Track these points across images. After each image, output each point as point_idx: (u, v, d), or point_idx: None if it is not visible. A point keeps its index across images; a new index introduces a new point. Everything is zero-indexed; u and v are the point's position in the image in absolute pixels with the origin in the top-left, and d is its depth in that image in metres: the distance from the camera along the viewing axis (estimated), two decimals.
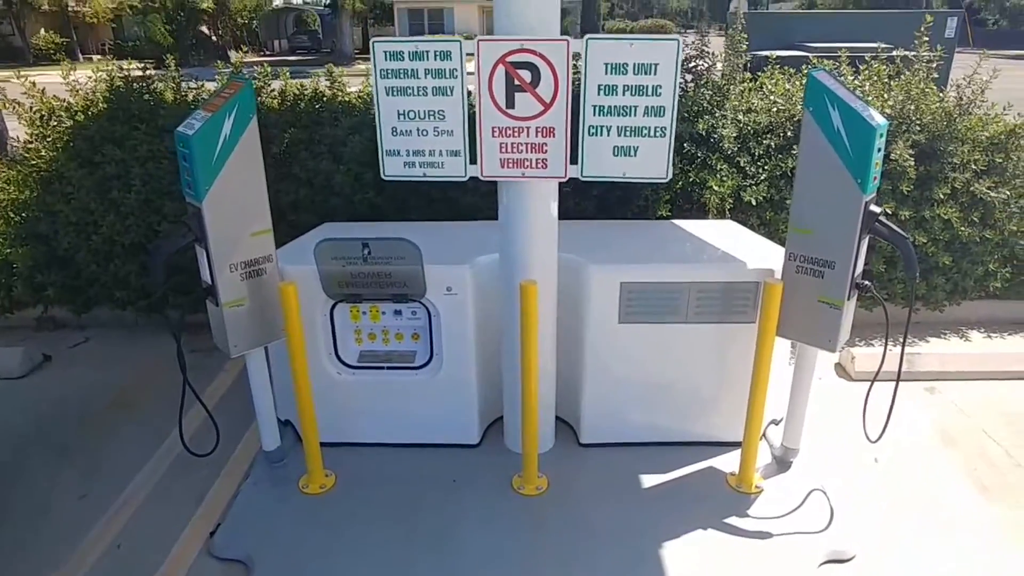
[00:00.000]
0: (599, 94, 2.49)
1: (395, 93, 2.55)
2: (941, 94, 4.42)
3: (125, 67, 4.56)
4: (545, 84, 2.47)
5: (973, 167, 4.25)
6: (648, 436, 3.24)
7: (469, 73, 2.51)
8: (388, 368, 3.16)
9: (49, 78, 4.89)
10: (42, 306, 4.59)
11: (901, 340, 2.77)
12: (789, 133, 4.39)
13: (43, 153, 4.31)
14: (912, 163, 4.10)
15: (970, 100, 4.36)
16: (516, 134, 2.55)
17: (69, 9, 29.19)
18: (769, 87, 4.69)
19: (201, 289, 2.72)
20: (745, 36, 4.72)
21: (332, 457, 3.09)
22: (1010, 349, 4.29)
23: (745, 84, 4.76)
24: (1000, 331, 4.53)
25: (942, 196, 4.19)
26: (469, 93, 2.60)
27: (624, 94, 2.49)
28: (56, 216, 4.31)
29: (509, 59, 2.45)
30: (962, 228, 4.22)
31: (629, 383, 3.12)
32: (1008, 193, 4.25)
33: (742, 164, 4.34)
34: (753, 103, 4.61)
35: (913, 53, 4.57)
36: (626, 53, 2.44)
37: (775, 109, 4.52)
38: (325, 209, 4.29)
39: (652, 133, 2.53)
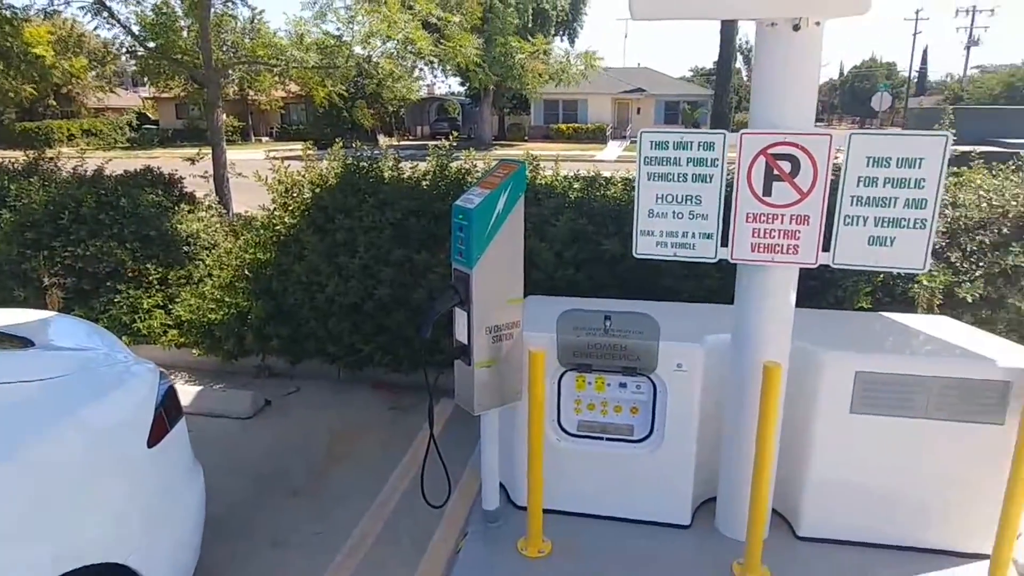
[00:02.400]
0: (858, 185, 2.57)
1: (656, 178, 2.75)
2: None
3: (287, 147, 5.21)
4: (804, 175, 2.59)
5: None
6: (874, 537, 3.08)
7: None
8: (607, 439, 3.25)
9: (233, 155, 5.68)
10: (262, 355, 5.10)
11: None
12: (1005, 230, 4.23)
13: (285, 220, 4.91)
14: None
15: None
16: (770, 220, 2.66)
17: (248, 99, 33.30)
18: (979, 182, 4.56)
19: (454, 348, 2.97)
20: (954, 132, 4.65)
21: (544, 523, 3.17)
22: None
23: (949, 179, 4.66)
24: None
25: None
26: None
27: (884, 186, 2.55)
28: (288, 275, 4.85)
29: (771, 151, 2.59)
30: None
31: (858, 477, 3.02)
32: None
33: (953, 259, 4.21)
34: (959, 198, 4.50)
35: None
36: (890, 147, 2.52)
37: (985, 204, 4.38)
38: (528, 282, 4.55)
39: (911, 224, 2.57)
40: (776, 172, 2.62)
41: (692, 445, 3.13)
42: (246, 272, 5.12)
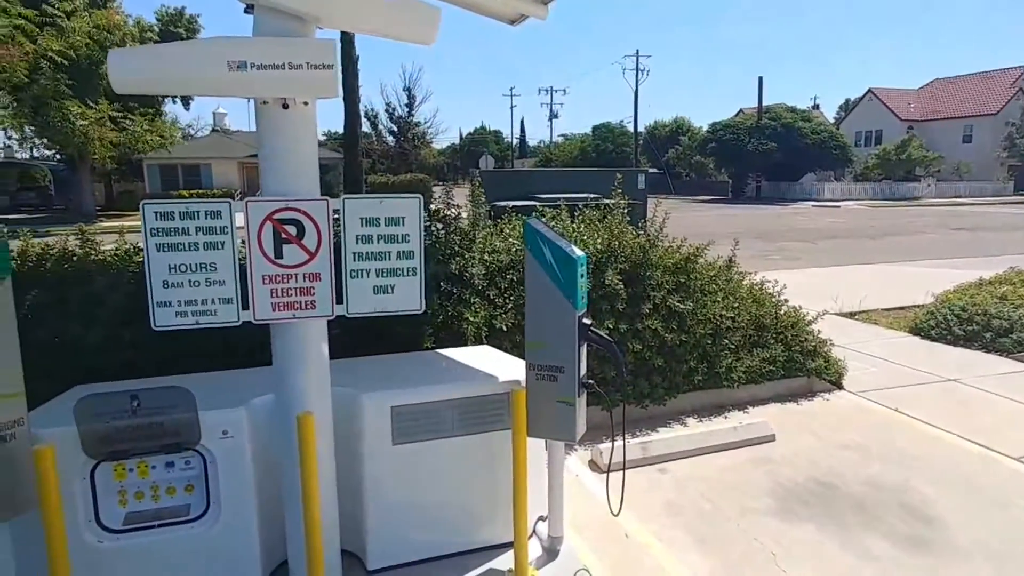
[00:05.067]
0: (357, 243, 2.92)
1: (167, 248, 2.72)
2: (638, 231, 5.63)
3: None
4: (310, 236, 2.84)
5: (666, 286, 5.40)
6: (433, 551, 3.44)
7: (239, 227, 2.80)
8: (159, 526, 3.04)
9: None
10: None
11: (637, 431, 3.43)
12: None
13: None
14: (622, 286, 5.11)
15: (655, 235, 5.60)
16: (286, 280, 2.84)
17: None
18: (508, 231, 5.56)
19: None
20: (483, 190, 5.61)
21: None
22: (715, 428, 5.29)
23: (488, 230, 5.59)
24: (708, 415, 5.58)
25: (647, 310, 5.23)
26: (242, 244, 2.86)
27: (379, 242, 2.95)
28: None
29: (276, 216, 2.79)
30: (666, 335, 5.27)
31: (411, 501, 3.35)
32: (692, 305, 5.45)
33: (492, 296, 5.03)
34: (496, 245, 5.42)
35: (613, 201, 5.79)
36: (377, 208, 2.92)
37: (514, 249, 5.36)
38: (74, 374, 4.04)
39: (405, 272, 3.00)
40: (284, 235, 2.82)
41: (252, 510, 3.12)
42: None
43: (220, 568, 3.10)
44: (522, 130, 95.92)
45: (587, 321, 3.22)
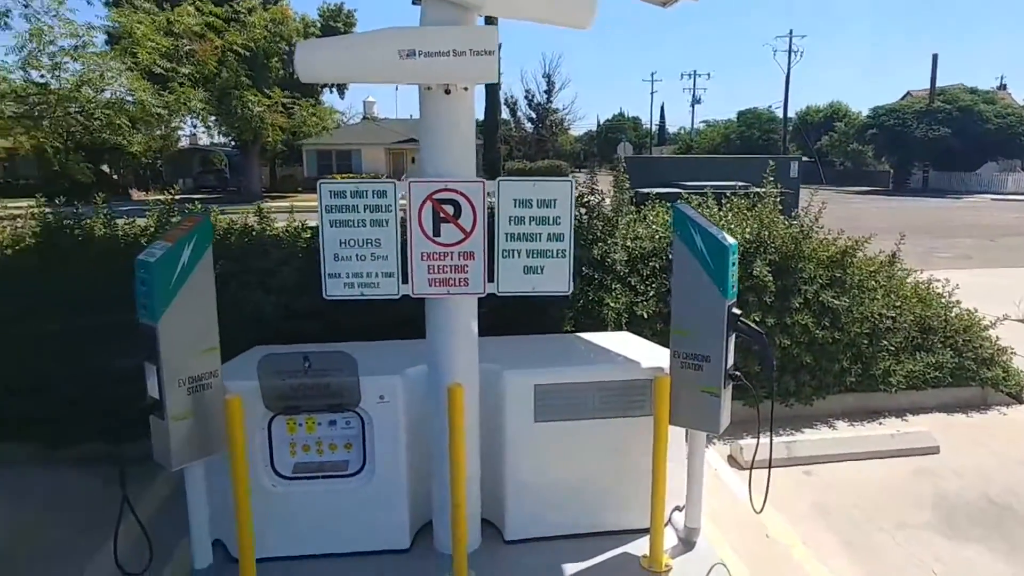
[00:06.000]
0: (510, 224, 3.02)
1: (338, 225, 2.97)
2: (789, 222, 5.35)
3: (15, 203, 4.81)
4: (465, 216, 2.98)
5: (820, 280, 5.10)
6: (568, 528, 3.51)
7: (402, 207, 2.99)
8: (322, 477, 3.34)
9: None
10: None
11: (780, 431, 3.30)
12: (670, 255, 5.11)
13: None
14: (771, 278, 4.88)
15: (809, 227, 5.29)
16: (442, 257, 3.00)
17: None
18: (651, 218, 5.48)
19: (145, 404, 2.89)
20: (627, 176, 5.56)
21: (265, 572, 3.15)
22: (869, 433, 4.94)
23: (631, 216, 5.55)
24: (860, 420, 5.21)
25: (798, 304, 4.97)
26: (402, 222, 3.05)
27: (530, 223, 3.03)
28: None
29: (435, 196, 2.95)
30: (817, 331, 4.98)
31: (548, 478, 3.44)
32: (848, 301, 5.10)
33: (633, 283, 4.99)
34: (638, 231, 5.36)
35: (763, 190, 5.53)
36: (530, 191, 3.00)
37: (657, 236, 5.28)
38: (252, 336, 4.50)
39: (555, 255, 3.06)
40: (442, 215, 2.98)
41: (403, 472, 3.34)
42: None
43: (372, 521, 3.36)
44: (662, 116, 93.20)
45: (737, 311, 3.13)
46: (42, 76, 7.03)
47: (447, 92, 2.94)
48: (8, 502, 4.04)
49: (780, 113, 56.04)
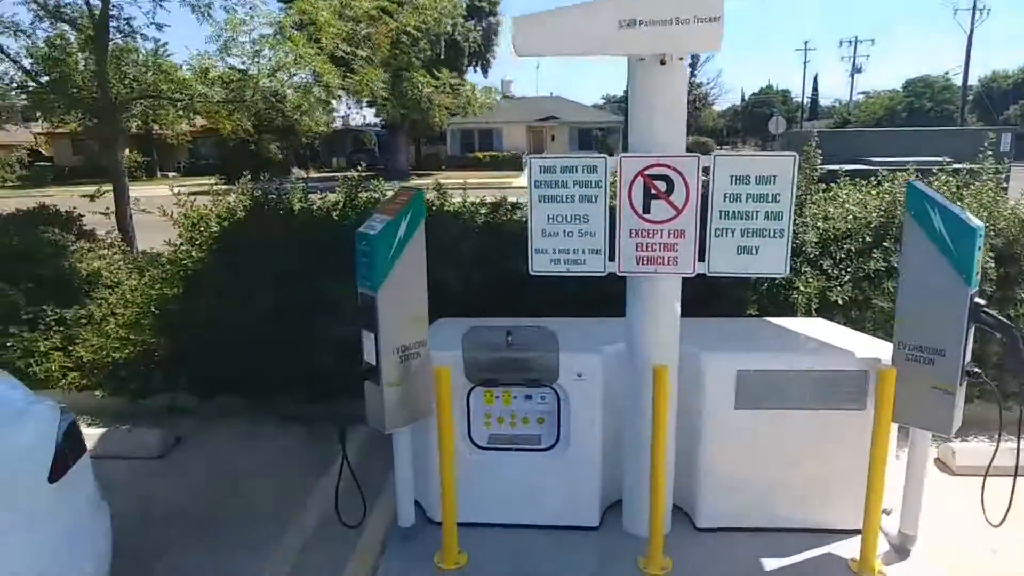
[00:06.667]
0: (725, 201, 2.87)
1: (546, 200, 2.97)
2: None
3: (197, 182, 5.25)
4: (678, 193, 2.86)
5: None
6: (764, 521, 3.35)
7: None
8: (517, 450, 3.40)
9: (137, 191, 5.62)
10: (171, 393, 4.98)
11: (992, 434, 2.92)
12: (868, 238, 4.70)
13: (192, 254, 4.85)
14: (992, 265, 4.35)
15: None
16: (651, 235, 2.91)
17: (153, 133, 32.34)
18: (844, 197, 5.06)
19: (362, 369, 3.06)
20: (819, 152, 5.16)
21: (460, 536, 3.27)
22: None
23: (820, 195, 5.15)
24: None
25: None
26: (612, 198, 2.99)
27: (747, 201, 2.86)
28: (196, 310, 4.79)
29: (647, 172, 2.85)
30: None
31: (746, 467, 3.29)
32: None
33: (825, 267, 4.64)
34: (829, 211, 4.97)
35: (979, 166, 4.93)
36: (749, 166, 2.83)
37: (850, 217, 4.86)
38: (436, 308, 4.68)
39: (772, 234, 2.88)
40: (653, 191, 2.88)
41: (596, 449, 3.32)
42: (152, 309, 5.01)
43: (563, 497, 3.38)
44: (815, 88, 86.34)
45: (980, 301, 2.79)
46: (243, 63, 7.72)
47: (661, 63, 2.82)
48: (225, 451, 4.50)
49: (958, 81, 50.13)
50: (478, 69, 37.96)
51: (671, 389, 3.11)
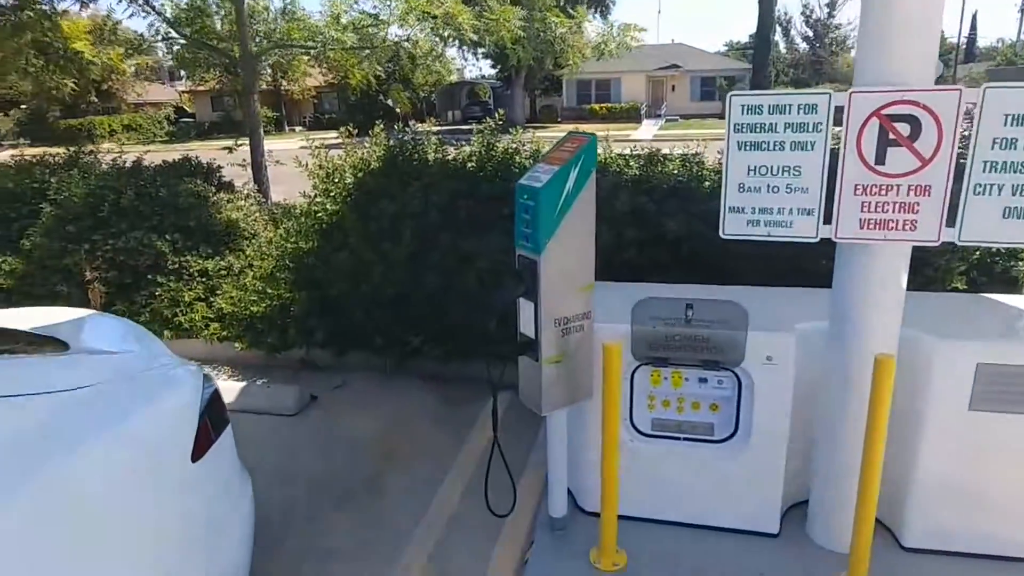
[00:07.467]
0: (993, 148, 2.21)
1: (748, 148, 2.42)
2: None
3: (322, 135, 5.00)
4: (926, 138, 2.23)
5: None
6: (991, 548, 2.74)
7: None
8: (685, 439, 2.95)
9: (268, 144, 5.54)
10: (306, 348, 4.90)
11: None
12: None
13: (327, 206, 4.68)
14: None
15: None
16: (883, 192, 2.31)
17: (281, 88, 33.68)
18: None
19: (518, 343, 2.70)
20: None
21: (622, 530, 2.89)
22: None
23: None
24: None
25: None
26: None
27: None
28: (331, 264, 4.64)
29: (885, 111, 2.24)
30: None
31: (974, 482, 2.68)
32: None
33: None
34: None
35: None
36: None
37: None
38: None
39: None
40: (892, 136, 2.27)
41: (783, 445, 2.82)
42: (287, 262, 4.93)
43: (738, 497, 2.91)
44: (973, 27, 76.70)
45: None
46: (374, 7, 7.48)
47: None
48: (360, 413, 4.36)
49: None
50: (597, 14, 36.42)
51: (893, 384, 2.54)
